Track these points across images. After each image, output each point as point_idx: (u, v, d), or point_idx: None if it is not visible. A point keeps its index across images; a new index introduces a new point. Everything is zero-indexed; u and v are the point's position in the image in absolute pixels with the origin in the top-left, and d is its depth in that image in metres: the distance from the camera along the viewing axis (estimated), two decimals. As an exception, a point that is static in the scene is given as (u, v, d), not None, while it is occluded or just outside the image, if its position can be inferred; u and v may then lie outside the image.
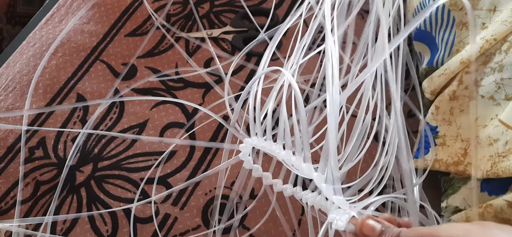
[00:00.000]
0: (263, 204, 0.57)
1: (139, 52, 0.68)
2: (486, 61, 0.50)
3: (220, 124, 0.63)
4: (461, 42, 0.53)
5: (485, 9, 0.52)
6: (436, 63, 0.55)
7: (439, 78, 0.53)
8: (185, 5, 0.73)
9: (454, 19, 0.54)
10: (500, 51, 0.49)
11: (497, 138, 0.46)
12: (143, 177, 0.59)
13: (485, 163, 0.47)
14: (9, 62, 0.69)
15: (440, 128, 0.52)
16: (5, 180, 0.59)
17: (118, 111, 0.64)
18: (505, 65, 0.48)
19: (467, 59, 0.51)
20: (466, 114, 0.51)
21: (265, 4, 0.73)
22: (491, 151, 0.47)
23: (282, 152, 0.41)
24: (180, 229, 0.57)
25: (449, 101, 0.52)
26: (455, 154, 0.50)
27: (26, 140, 0.62)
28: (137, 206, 0.57)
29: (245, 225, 0.57)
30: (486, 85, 0.49)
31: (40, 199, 0.58)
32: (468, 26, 0.53)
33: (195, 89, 0.66)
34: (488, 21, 0.51)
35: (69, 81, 0.67)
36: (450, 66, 0.52)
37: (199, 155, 0.61)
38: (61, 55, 0.69)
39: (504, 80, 0.48)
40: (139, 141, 0.62)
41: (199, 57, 0.68)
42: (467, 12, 0.53)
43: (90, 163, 0.61)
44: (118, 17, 0.72)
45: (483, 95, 0.49)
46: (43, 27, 0.72)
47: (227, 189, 0.58)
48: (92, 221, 0.57)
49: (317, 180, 0.37)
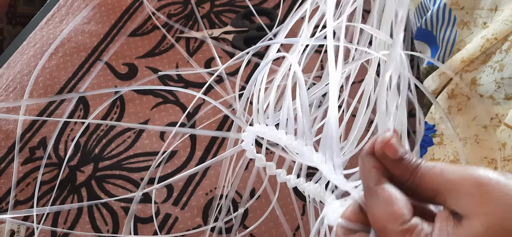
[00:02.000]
0: (263, 204, 0.57)
1: (141, 52, 0.69)
2: (486, 60, 0.50)
3: (220, 124, 0.63)
4: (462, 41, 0.53)
5: (487, 8, 0.52)
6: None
7: (439, 77, 0.53)
8: (185, 5, 0.73)
9: (455, 18, 0.54)
10: (500, 50, 0.49)
11: (504, 142, 0.46)
12: (143, 177, 0.59)
13: (484, 164, 0.47)
14: (9, 62, 0.69)
15: (438, 127, 0.52)
16: (6, 180, 0.60)
17: (119, 111, 0.64)
18: (505, 64, 0.48)
19: (468, 58, 0.51)
20: (464, 113, 0.51)
21: (265, 4, 0.73)
22: (498, 155, 0.47)
23: (284, 137, 0.40)
24: (181, 228, 0.57)
25: (447, 99, 0.52)
26: (452, 152, 0.50)
27: (27, 140, 0.62)
28: (138, 206, 0.57)
29: (245, 225, 0.56)
30: (485, 84, 0.49)
31: (41, 199, 0.58)
32: (469, 25, 0.53)
33: (196, 89, 0.66)
34: (489, 20, 0.51)
35: (70, 81, 0.67)
36: (451, 65, 0.52)
37: (200, 155, 0.61)
38: (61, 55, 0.69)
39: (504, 79, 0.48)
40: (140, 141, 0.62)
41: (199, 57, 0.68)
42: (467, 11, 0.53)
43: (91, 163, 0.61)
44: (119, 17, 0.72)
45: (482, 94, 0.49)
46: (43, 27, 0.72)
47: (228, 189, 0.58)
48: (92, 221, 0.57)
49: (318, 161, 0.36)
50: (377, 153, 0.30)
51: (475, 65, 0.51)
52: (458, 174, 0.27)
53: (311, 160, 0.38)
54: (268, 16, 0.72)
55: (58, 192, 0.59)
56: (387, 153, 0.29)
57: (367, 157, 0.30)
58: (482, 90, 0.49)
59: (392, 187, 0.29)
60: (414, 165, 0.29)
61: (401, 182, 0.29)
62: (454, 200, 0.27)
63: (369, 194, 0.29)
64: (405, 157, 0.29)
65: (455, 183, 0.27)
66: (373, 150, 0.30)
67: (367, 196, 0.29)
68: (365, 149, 0.31)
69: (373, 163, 0.30)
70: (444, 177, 0.28)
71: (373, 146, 0.30)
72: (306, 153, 0.38)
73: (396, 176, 0.29)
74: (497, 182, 0.26)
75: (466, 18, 0.53)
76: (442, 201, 0.28)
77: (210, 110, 0.63)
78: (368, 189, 0.29)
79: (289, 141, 0.40)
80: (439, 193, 0.28)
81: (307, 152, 0.38)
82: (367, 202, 0.29)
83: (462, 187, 0.27)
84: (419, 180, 0.29)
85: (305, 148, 0.38)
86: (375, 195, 0.28)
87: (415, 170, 0.29)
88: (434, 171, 0.28)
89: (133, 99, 0.65)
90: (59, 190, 0.59)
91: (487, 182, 0.26)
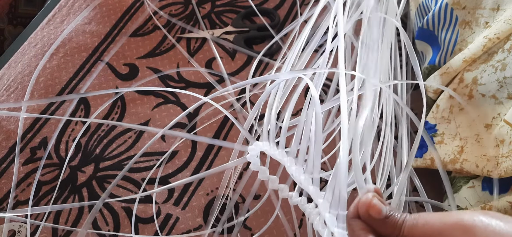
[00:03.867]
0: (264, 204, 0.57)
1: (142, 52, 0.69)
2: (488, 60, 0.50)
3: (221, 124, 0.63)
4: (464, 41, 0.53)
5: (489, 8, 0.52)
6: (439, 62, 0.55)
7: (441, 77, 0.53)
8: (186, 6, 0.73)
9: (457, 18, 0.54)
10: (503, 49, 0.49)
11: (502, 138, 0.46)
12: (144, 177, 0.59)
13: (484, 162, 0.47)
14: (10, 63, 0.69)
15: (439, 127, 0.52)
16: (7, 180, 0.59)
17: (120, 111, 0.64)
18: (508, 64, 0.48)
19: (470, 58, 0.50)
20: (465, 112, 0.51)
21: (266, 4, 0.73)
22: (496, 152, 0.46)
23: (292, 167, 0.40)
24: (181, 229, 0.56)
25: (448, 99, 0.52)
26: (452, 152, 0.50)
27: (28, 140, 0.62)
28: (139, 206, 0.57)
29: (246, 225, 0.56)
30: (487, 83, 0.49)
31: (42, 199, 0.58)
32: (471, 25, 0.53)
33: (197, 89, 0.65)
34: (491, 20, 0.51)
35: (71, 81, 0.67)
36: (452, 65, 0.52)
37: (200, 156, 0.61)
38: (62, 56, 0.69)
39: (507, 79, 0.48)
40: (141, 142, 0.62)
41: (200, 57, 0.68)
42: (469, 11, 0.53)
43: (92, 163, 0.61)
44: (120, 18, 0.72)
45: (484, 93, 0.49)
46: (44, 27, 0.72)
47: (230, 190, 0.58)
48: (93, 221, 0.57)
49: (322, 208, 0.36)
50: (362, 215, 0.31)
51: (477, 64, 0.51)
52: (444, 220, 0.28)
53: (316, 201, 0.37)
54: (269, 16, 0.72)
55: (59, 192, 0.58)
56: (371, 214, 0.30)
57: (353, 221, 0.31)
58: (483, 90, 0.49)
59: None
60: (400, 220, 0.30)
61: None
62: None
63: None
64: (390, 215, 0.30)
65: (443, 229, 0.28)
66: (357, 213, 0.31)
67: None
68: (349, 213, 0.32)
69: (360, 225, 0.31)
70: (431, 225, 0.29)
71: (356, 209, 0.31)
72: (311, 192, 0.38)
73: (384, 234, 0.30)
74: (483, 224, 0.27)
75: (468, 17, 0.53)
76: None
77: (211, 111, 0.63)
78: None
79: (296, 173, 0.40)
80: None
81: (312, 192, 0.38)
82: None
83: (450, 233, 0.28)
84: (408, 233, 0.30)
85: (310, 187, 0.38)
86: None
87: (402, 225, 0.30)
88: (420, 223, 0.29)
89: (134, 99, 0.65)
90: (60, 190, 0.59)
91: (474, 225, 0.27)
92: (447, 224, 0.28)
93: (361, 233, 0.30)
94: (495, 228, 0.27)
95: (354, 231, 0.31)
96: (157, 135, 0.60)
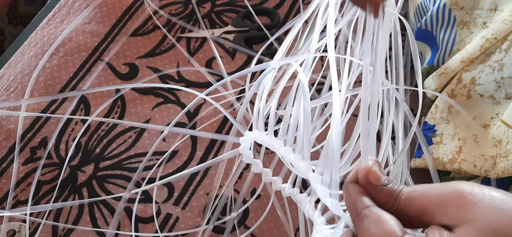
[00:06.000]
0: (264, 203, 0.57)
1: (142, 52, 0.69)
2: (485, 60, 0.50)
3: (221, 124, 0.63)
4: (462, 41, 0.53)
5: (486, 8, 0.52)
6: (437, 62, 0.56)
7: (439, 77, 0.53)
8: (186, 5, 0.73)
9: (455, 18, 0.54)
10: (500, 50, 0.49)
11: (500, 138, 0.46)
12: (144, 177, 0.59)
13: (482, 161, 0.47)
14: (10, 62, 0.69)
15: (438, 127, 0.52)
16: (7, 180, 0.60)
17: (120, 111, 0.64)
18: (505, 64, 0.48)
19: (468, 58, 0.51)
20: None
21: (266, 4, 0.73)
22: (493, 152, 0.47)
23: (281, 148, 0.40)
24: (181, 228, 0.57)
25: (447, 99, 0.52)
26: (450, 152, 0.50)
27: (28, 140, 0.62)
28: (139, 206, 0.57)
29: (246, 224, 0.57)
30: (485, 84, 0.49)
31: (42, 199, 0.59)
32: (468, 25, 0.53)
33: (197, 89, 0.66)
34: (488, 20, 0.51)
35: (71, 81, 0.67)
36: (451, 65, 0.52)
37: (200, 155, 0.61)
38: (62, 55, 0.69)
39: (505, 79, 0.48)
40: (141, 141, 0.62)
41: (200, 57, 0.68)
42: (467, 11, 0.53)
43: (92, 163, 0.61)
44: (120, 17, 0.72)
45: (482, 94, 0.49)
46: (44, 27, 0.72)
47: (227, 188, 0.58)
48: (93, 220, 0.57)
49: (313, 181, 0.36)
50: (361, 181, 0.31)
51: (475, 64, 0.51)
52: (442, 189, 0.28)
53: (307, 177, 0.37)
54: (269, 16, 0.72)
55: (59, 192, 0.59)
56: (371, 180, 0.30)
57: (351, 185, 0.31)
58: (481, 90, 0.49)
59: (380, 209, 0.29)
60: (398, 190, 0.30)
61: (385, 209, 0.30)
62: (442, 213, 0.27)
63: (358, 219, 0.30)
64: (388, 184, 0.30)
65: (441, 196, 0.28)
66: (356, 178, 0.31)
67: (356, 222, 0.30)
68: (348, 178, 0.32)
69: (358, 189, 0.31)
70: (429, 194, 0.28)
71: (356, 174, 0.31)
72: (302, 169, 0.38)
73: (381, 203, 0.30)
74: (482, 191, 0.27)
75: (466, 18, 0.53)
76: (430, 218, 0.28)
77: (211, 110, 0.63)
78: (356, 215, 0.30)
79: (286, 153, 0.40)
80: (426, 211, 0.28)
81: (303, 168, 0.38)
82: (357, 227, 0.30)
83: (448, 199, 0.27)
84: (404, 203, 0.29)
85: (301, 164, 0.38)
86: (364, 218, 0.29)
87: (399, 195, 0.30)
88: (417, 192, 0.29)
89: (134, 99, 0.65)
90: (60, 190, 0.59)
91: (472, 192, 0.27)
92: (445, 193, 0.28)
93: (357, 196, 0.30)
94: (493, 195, 0.26)
95: (350, 194, 0.31)
96: (164, 132, 0.59)
